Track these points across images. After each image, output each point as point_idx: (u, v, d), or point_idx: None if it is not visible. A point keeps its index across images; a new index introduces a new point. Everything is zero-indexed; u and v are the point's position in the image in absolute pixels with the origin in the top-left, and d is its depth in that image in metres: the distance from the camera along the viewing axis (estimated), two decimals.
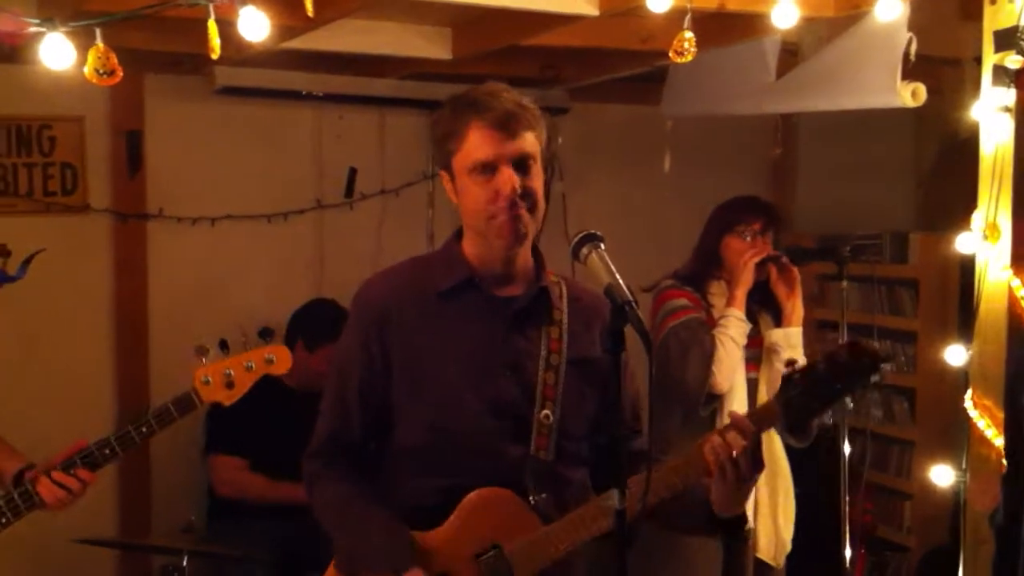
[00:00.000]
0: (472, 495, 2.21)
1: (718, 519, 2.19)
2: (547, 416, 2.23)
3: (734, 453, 2.08)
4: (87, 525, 3.80)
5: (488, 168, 2.14)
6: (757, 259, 3.38)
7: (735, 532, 2.24)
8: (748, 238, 3.46)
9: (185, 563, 3.39)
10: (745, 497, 2.18)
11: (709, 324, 3.39)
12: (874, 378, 2.11)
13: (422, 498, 2.24)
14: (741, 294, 3.37)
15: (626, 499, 1.92)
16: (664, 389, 3.39)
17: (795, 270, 3.42)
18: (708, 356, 3.30)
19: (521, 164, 2.15)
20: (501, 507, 2.22)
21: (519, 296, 2.28)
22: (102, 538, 4.03)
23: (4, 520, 2.60)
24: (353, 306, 2.35)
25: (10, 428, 2.96)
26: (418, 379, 2.24)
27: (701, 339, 3.32)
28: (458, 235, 2.33)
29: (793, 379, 2.11)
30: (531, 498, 2.22)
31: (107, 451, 2.65)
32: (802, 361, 3.31)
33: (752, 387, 3.43)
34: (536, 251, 2.32)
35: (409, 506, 2.24)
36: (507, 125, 2.14)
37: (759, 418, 2.15)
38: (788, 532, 3.47)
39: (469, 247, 2.28)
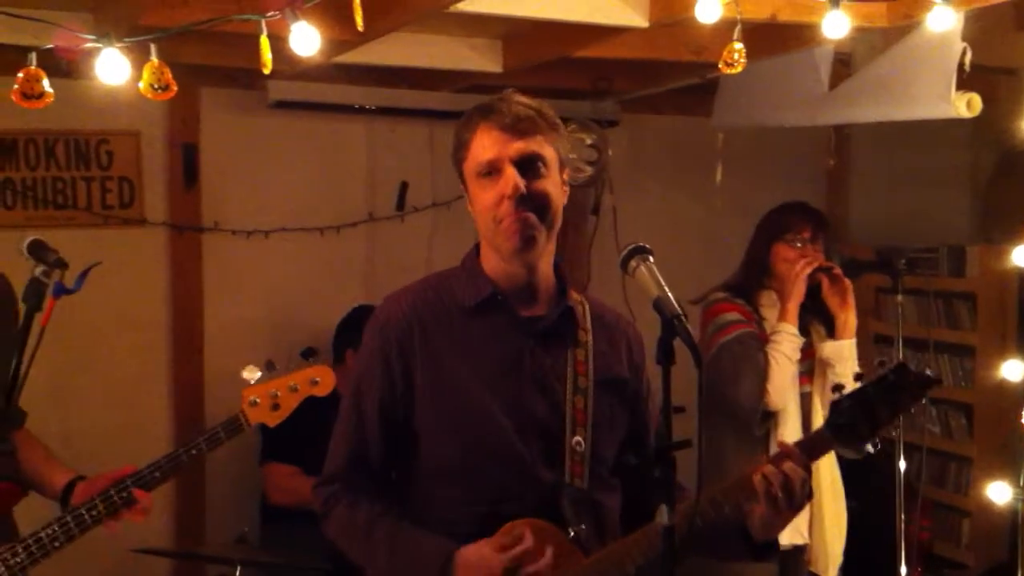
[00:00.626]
0: (509, 525, 2.11)
1: (753, 543, 2.17)
2: (579, 443, 2.18)
3: (791, 483, 2.06)
4: (143, 535, 3.84)
5: (492, 170, 2.11)
6: (808, 270, 3.32)
7: (767, 555, 2.22)
8: (798, 246, 3.40)
9: (238, 574, 3.41)
10: (787, 523, 2.15)
11: (761, 338, 3.34)
12: (921, 401, 2.10)
13: (452, 523, 2.15)
14: (793, 307, 3.31)
15: (675, 516, 1.90)
16: (717, 407, 3.35)
17: (847, 281, 3.36)
18: (762, 374, 3.25)
19: (528, 165, 2.10)
20: (542, 539, 2.12)
21: (544, 316, 2.22)
22: (157, 548, 4.07)
23: (57, 544, 2.57)
24: (372, 325, 2.26)
25: (67, 439, 3.01)
26: (445, 400, 2.16)
27: (754, 356, 3.27)
28: (477, 250, 2.27)
29: (841, 405, 2.10)
30: (571, 530, 2.16)
31: (157, 474, 2.66)
32: (853, 374, 3.30)
33: (806, 401, 3.39)
34: (559, 270, 2.27)
35: (438, 531, 2.15)
36: (513, 126, 2.10)
37: (811, 447, 2.14)
38: (840, 545, 3.43)
39: (488, 262, 2.22)
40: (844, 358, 3.33)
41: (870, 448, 2.16)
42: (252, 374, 2.78)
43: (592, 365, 2.22)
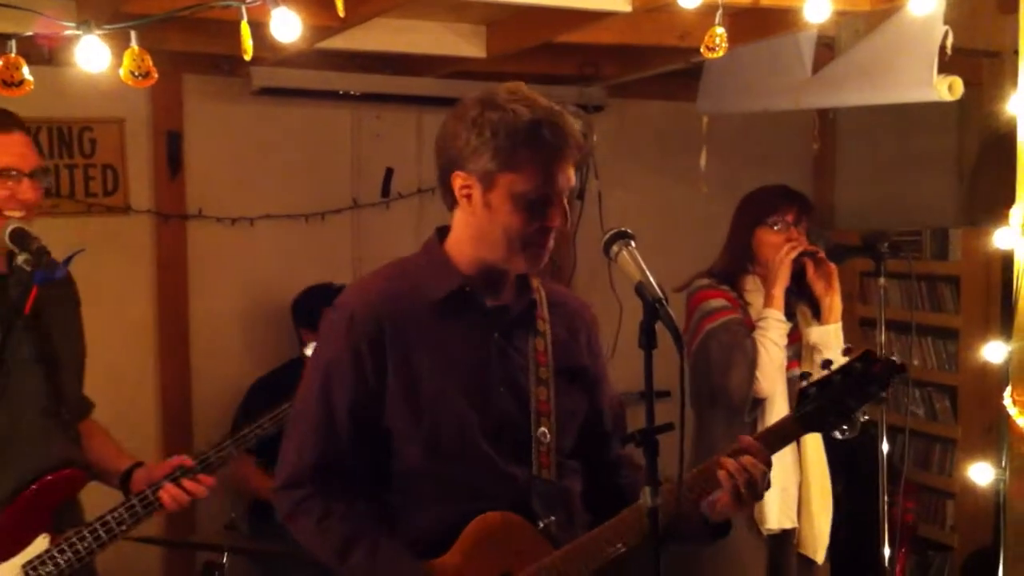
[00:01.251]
0: (477, 521, 2.13)
1: (709, 524, 2.20)
2: (544, 434, 2.18)
3: (753, 477, 2.09)
4: None
5: (545, 201, 2.07)
6: (793, 255, 3.32)
7: (723, 534, 2.25)
8: (780, 229, 3.39)
9: (225, 560, 3.42)
10: (747, 510, 2.21)
11: (747, 324, 3.34)
12: (888, 389, 2.13)
13: (424, 524, 2.15)
14: (779, 293, 3.31)
15: (659, 497, 1.91)
16: (706, 395, 3.36)
17: (832, 265, 3.37)
18: (751, 361, 3.24)
19: (563, 197, 2.10)
20: (509, 533, 2.14)
21: (510, 306, 2.21)
22: (148, 535, 4.07)
23: (124, 528, 2.62)
24: (338, 317, 2.16)
25: None
26: (416, 399, 2.12)
27: (742, 343, 3.26)
28: (439, 237, 2.23)
29: (809, 393, 2.14)
30: (540, 522, 2.17)
31: (223, 453, 2.71)
32: (822, 361, 3.32)
33: (793, 385, 3.39)
34: None
35: (410, 533, 2.15)
36: (571, 155, 2.08)
37: (772, 438, 2.18)
38: (827, 527, 3.45)
39: (460, 252, 2.16)
40: (831, 343, 3.34)
41: (837, 435, 2.19)
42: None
43: (552, 354, 2.22)
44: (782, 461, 3.31)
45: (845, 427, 2.17)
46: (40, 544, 2.53)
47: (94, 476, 2.79)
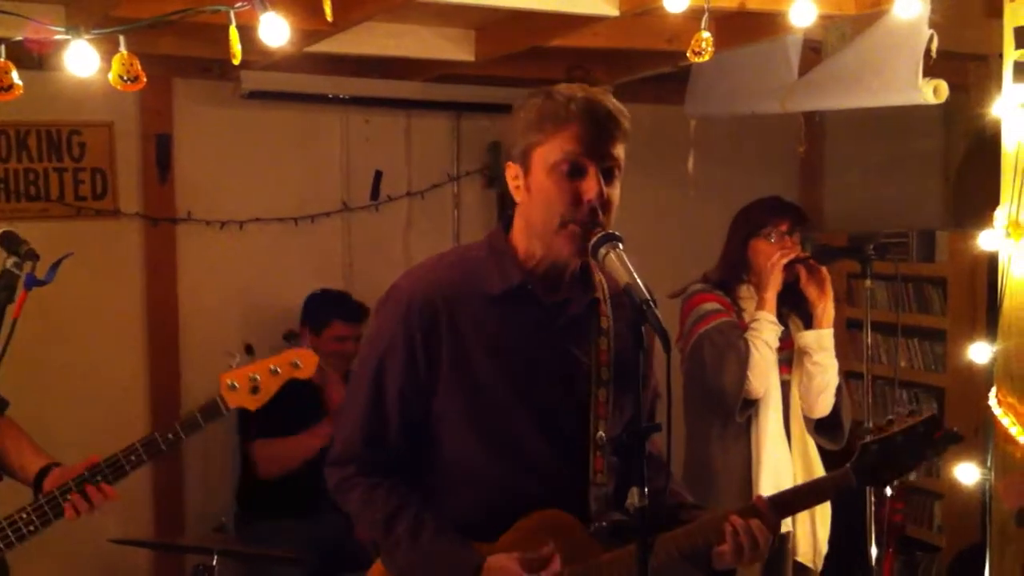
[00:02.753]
0: (534, 516, 2.12)
1: (712, 569, 2.19)
2: (602, 437, 2.16)
3: (756, 541, 2.10)
4: (123, 526, 3.86)
5: (577, 170, 2.03)
6: (785, 260, 3.34)
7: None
8: (775, 240, 3.41)
9: (215, 562, 3.42)
10: (748, 565, 2.18)
11: (741, 327, 3.36)
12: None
13: (468, 513, 2.14)
14: (771, 296, 3.33)
15: (645, 498, 1.91)
16: (700, 396, 3.37)
17: (824, 270, 3.38)
18: (744, 361, 3.25)
19: (609, 173, 2.05)
20: (560, 530, 2.13)
21: (571, 303, 2.17)
22: (136, 538, 4.08)
23: (32, 528, 2.61)
24: (394, 303, 2.15)
25: (43, 430, 3.00)
26: (468, 390, 2.11)
27: (735, 344, 3.27)
28: (505, 227, 2.19)
29: (870, 448, 2.15)
30: (593, 525, 2.16)
31: (132, 458, 2.65)
32: (833, 363, 3.32)
33: (785, 390, 3.42)
34: None
35: (454, 519, 2.14)
36: (606, 128, 2.04)
37: (785, 503, 2.22)
38: (825, 533, 3.46)
39: (521, 243, 2.14)
40: (823, 346, 3.36)
41: (889, 491, 2.25)
42: (232, 359, 2.77)
43: (614, 354, 2.19)
44: (779, 464, 3.33)
45: (888, 488, 2.24)
46: None
47: (8, 474, 2.76)
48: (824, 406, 3.40)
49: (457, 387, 2.11)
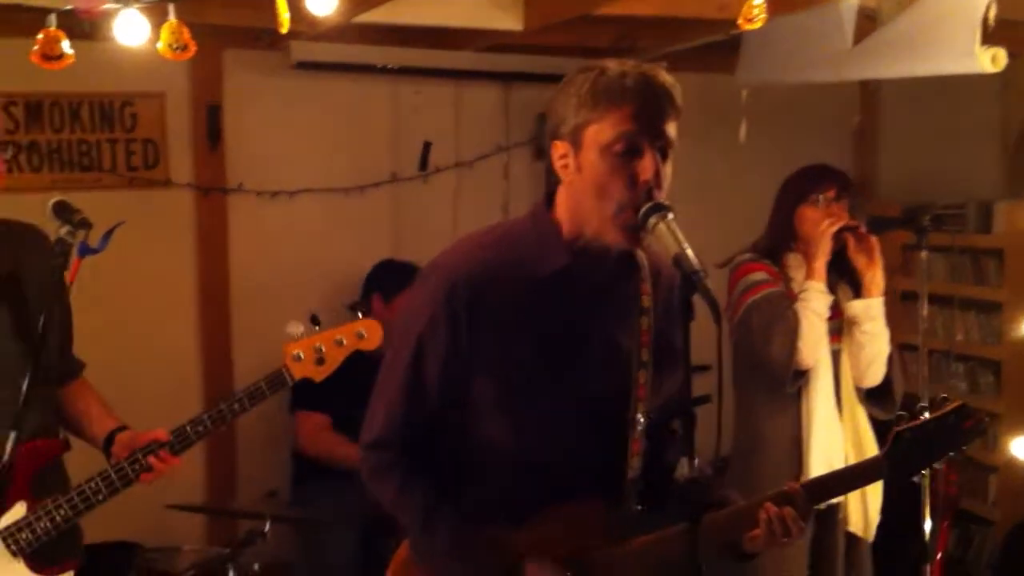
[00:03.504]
0: (565, 506, 2.10)
1: (740, 551, 2.18)
2: (639, 420, 2.12)
3: (789, 528, 2.09)
4: (178, 491, 3.90)
5: (633, 150, 1.96)
6: (835, 228, 3.30)
7: (751, 559, 2.22)
8: (822, 206, 3.37)
9: (267, 528, 3.46)
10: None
11: (790, 297, 3.32)
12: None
13: (499, 495, 2.12)
14: (821, 265, 3.28)
15: (696, 470, 1.90)
16: (748, 366, 3.35)
17: (873, 239, 3.33)
18: (792, 331, 3.21)
19: (663, 152, 1.99)
20: (589, 519, 2.11)
21: (615, 284, 2.13)
22: (191, 503, 4.14)
23: (101, 497, 2.64)
24: (435, 281, 2.09)
25: None
26: (507, 375, 2.07)
27: (784, 314, 3.24)
28: (548, 203, 2.12)
29: (904, 435, 2.14)
30: (629, 511, 2.14)
31: (200, 428, 2.68)
32: (884, 332, 3.27)
33: (835, 359, 3.38)
34: None
35: (486, 501, 2.12)
36: (662, 106, 1.97)
37: (819, 490, 2.21)
38: (876, 504, 3.43)
39: (567, 222, 2.07)
40: (872, 316, 3.31)
41: (916, 479, 2.23)
42: (296, 328, 2.76)
43: (653, 334, 2.15)
44: (830, 435, 3.30)
45: (915, 477, 2.24)
46: (18, 511, 2.55)
47: (80, 437, 2.81)
48: (875, 376, 3.35)
49: (496, 369, 2.07)
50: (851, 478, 2.36)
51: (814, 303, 3.24)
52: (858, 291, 3.37)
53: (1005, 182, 5.35)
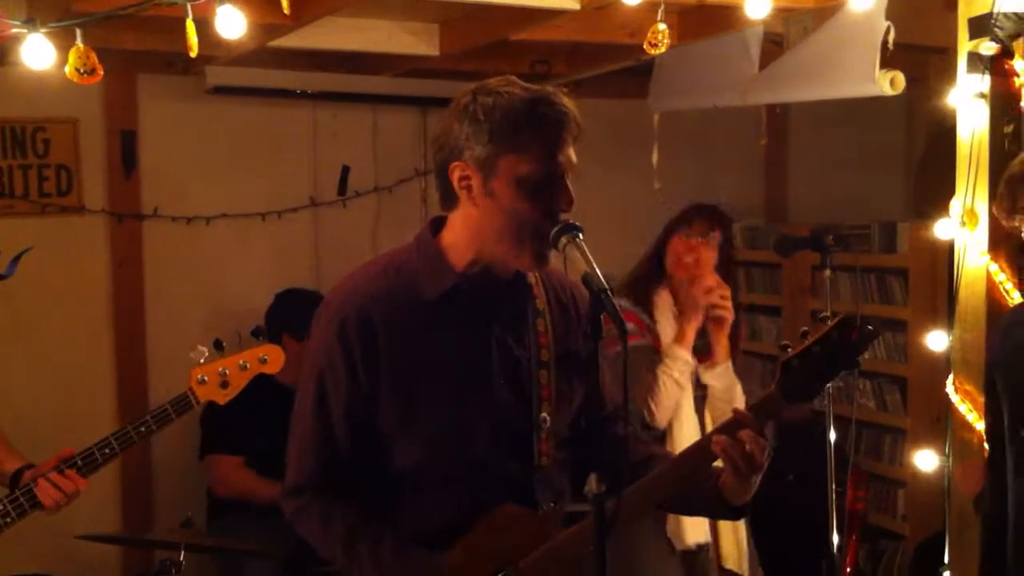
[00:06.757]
0: (489, 517, 2.10)
1: (728, 505, 2.16)
2: (545, 419, 2.14)
3: (747, 448, 2.04)
4: (91, 521, 3.85)
5: (551, 181, 1.99)
6: (709, 301, 3.34)
7: (744, 515, 2.23)
8: (690, 237, 3.42)
9: (182, 557, 3.42)
10: (756, 484, 2.13)
11: (656, 347, 3.35)
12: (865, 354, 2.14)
13: (424, 521, 2.12)
14: (691, 332, 3.31)
15: (603, 486, 1.91)
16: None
17: (727, 313, 3.34)
18: (647, 391, 3.26)
19: (567, 179, 2.03)
20: (513, 523, 2.11)
21: (506, 296, 2.14)
22: (104, 534, 4.08)
23: (9, 520, 2.64)
24: (327, 320, 2.10)
25: (11, 425, 3.02)
26: (411, 400, 2.07)
27: (642, 374, 3.27)
28: (432, 230, 2.14)
29: (791, 364, 2.10)
30: (542, 507, 2.15)
31: (107, 450, 2.70)
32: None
33: (699, 405, 3.40)
34: None
35: (411, 529, 2.12)
36: (570, 133, 2.01)
37: (763, 409, 2.13)
38: (743, 535, 3.44)
39: (456, 249, 2.09)
40: (724, 382, 3.39)
41: (815, 405, 2.17)
42: (200, 354, 2.82)
43: (552, 337, 2.17)
44: None
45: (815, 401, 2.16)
46: None
47: None
48: None
49: (399, 398, 2.08)
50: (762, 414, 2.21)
51: (675, 371, 3.27)
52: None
53: (908, 204, 5.51)
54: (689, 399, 3.35)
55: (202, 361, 2.81)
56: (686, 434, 3.30)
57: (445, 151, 2.06)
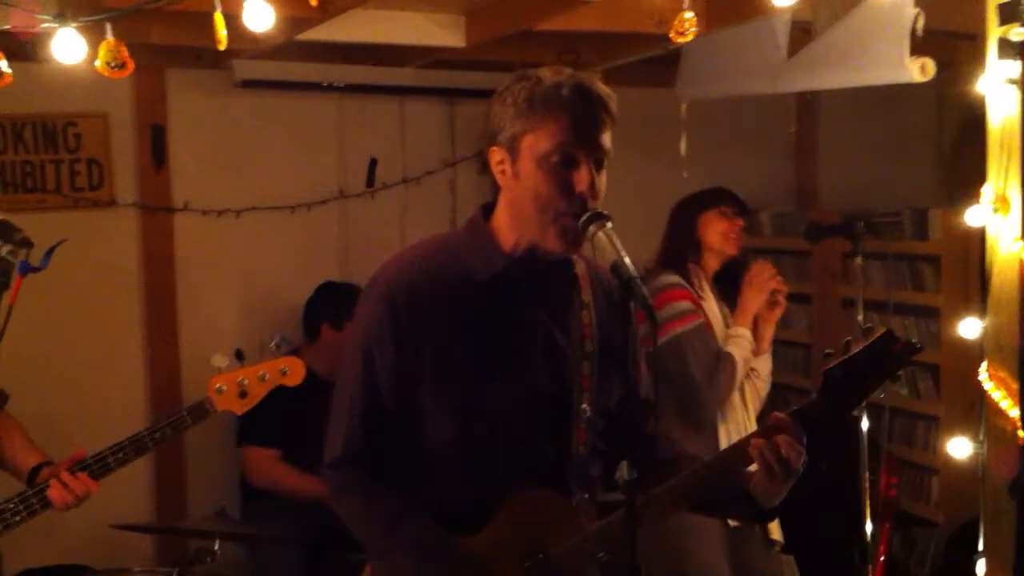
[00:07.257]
0: (518, 500, 2.12)
1: (757, 508, 2.16)
2: (585, 410, 2.16)
3: (784, 452, 2.03)
4: (125, 511, 3.89)
5: (568, 160, 2.01)
6: (775, 286, 3.42)
7: (770, 518, 2.24)
8: (726, 215, 3.50)
9: (217, 547, 3.45)
10: (787, 489, 2.12)
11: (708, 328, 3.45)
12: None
13: (458, 499, 2.14)
14: (753, 313, 3.47)
15: (635, 472, 1.92)
16: (675, 391, 3.39)
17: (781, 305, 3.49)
18: (732, 376, 3.38)
19: (599, 163, 2.04)
20: (546, 510, 2.14)
21: (551, 282, 2.17)
22: (138, 523, 4.11)
23: (19, 518, 2.67)
24: (375, 293, 2.14)
25: (40, 421, 3.05)
26: (451, 375, 2.11)
27: (723, 358, 3.39)
28: (486, 214, 2.17)
29: (834, 373, 2.11)
30: (575, 499, 2.17)
31: (120, 455, 2.72)
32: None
33: (740, 388, 3.51)
34: None
35: (443, 507, 2.13)
36: (597, 116, 2.02)
37: (803, 416, 2.13)
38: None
39: (504, 230, 2.13)
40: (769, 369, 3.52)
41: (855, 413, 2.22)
42: (221, 361, 2.83)
43: (595, 328, 2.19)
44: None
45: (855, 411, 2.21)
46: None
47: (3, 469, 2.83)
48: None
49: (443, 374, 2.11)
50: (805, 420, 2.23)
51: (743, 351, 3.38)
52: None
53: (940, 190, 5.47)
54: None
55: (223, 369, 2.82)
56: (739, 417, 3.34)
57: (487, 137, 2.11)
